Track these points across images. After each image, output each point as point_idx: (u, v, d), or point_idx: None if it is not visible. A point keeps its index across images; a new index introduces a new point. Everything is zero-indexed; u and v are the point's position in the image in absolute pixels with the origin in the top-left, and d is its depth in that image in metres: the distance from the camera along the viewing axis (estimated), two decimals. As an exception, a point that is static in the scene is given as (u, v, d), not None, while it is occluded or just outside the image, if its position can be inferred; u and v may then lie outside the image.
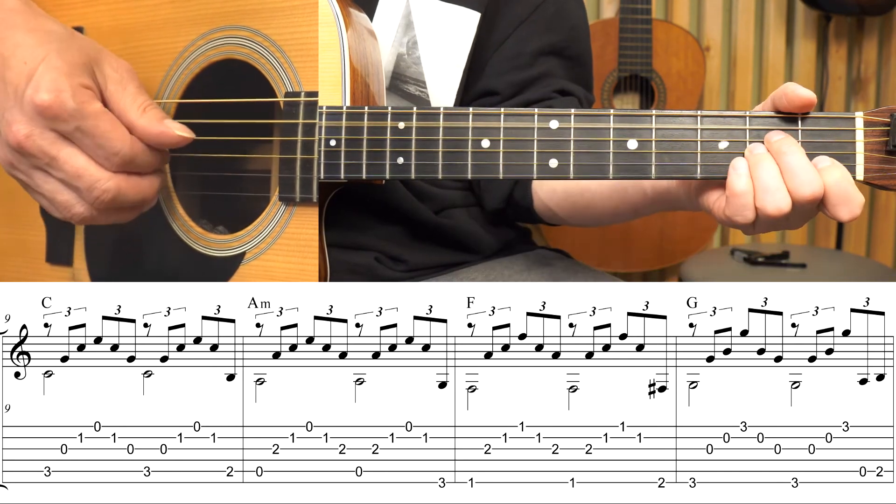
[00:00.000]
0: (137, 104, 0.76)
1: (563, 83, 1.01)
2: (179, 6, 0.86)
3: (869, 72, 2.54)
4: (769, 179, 0.68)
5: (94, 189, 0.73)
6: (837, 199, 0.68)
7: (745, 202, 0.69)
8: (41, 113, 0.71)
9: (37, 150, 0.72)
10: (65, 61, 0.73)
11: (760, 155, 0.69)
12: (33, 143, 0.72)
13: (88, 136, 0.72)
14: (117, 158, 0.73)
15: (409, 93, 0.96)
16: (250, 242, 0.82)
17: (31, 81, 0.72)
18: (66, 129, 0.72)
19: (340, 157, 0.77)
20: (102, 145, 0.73)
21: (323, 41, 0.79)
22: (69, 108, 0.71)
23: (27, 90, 0.71)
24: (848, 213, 0.68)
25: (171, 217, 0.86)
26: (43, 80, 0.71)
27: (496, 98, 1.00)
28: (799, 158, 0.68)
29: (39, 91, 0.71)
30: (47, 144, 0.72)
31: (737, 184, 0.69)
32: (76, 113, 0.71)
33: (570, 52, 1.02)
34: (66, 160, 0.73)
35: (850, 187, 0.68)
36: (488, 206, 1.02)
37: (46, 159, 0.73)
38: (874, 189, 1.02)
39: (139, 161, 0.75)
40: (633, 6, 2.19)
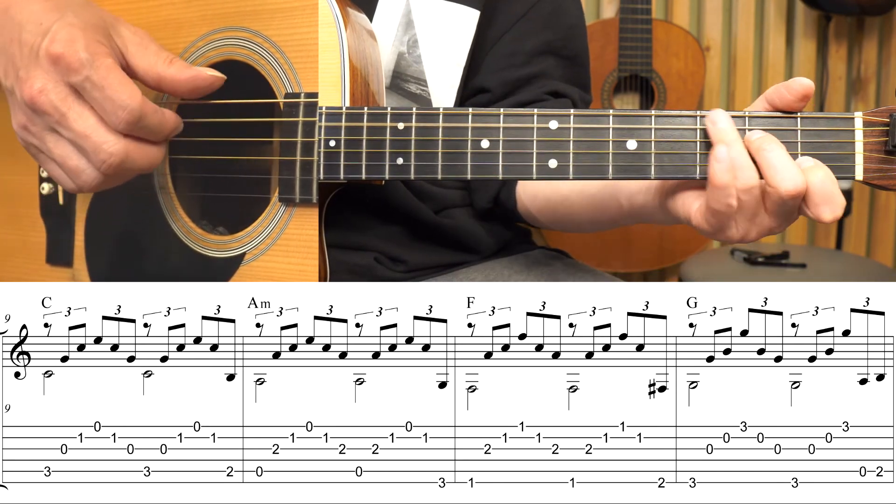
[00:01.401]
0: (162, 58, 0.76)
1: (557, 84, 1.00)
2: (179, 7, 0.86)
3: (869, 72, 2.54)
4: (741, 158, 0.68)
5: (100, 151, 0.73)
6: (821, 199, 0.68)
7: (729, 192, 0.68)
8: (54, 62, 0.71)
9: (49, 105, 0.72)
10: (80, 19, 0.73)
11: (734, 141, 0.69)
12: (46, 98, 0.72)
13: (97, 87, 0.72)
14: (125, 114, 0.72)
15: (411, 91, 0.96)
16: (250, 243, 0.82)
17: (46, 36, 0.72)
18: (77, 80, 0.72)
19: (340, 157, 0.77)
20: (111, 97, 0.72)
21: (323, 42, 0.79)
22: (82, 57, 0.71)
23: (42, 43, 0.72)
24: (831, 213, 0.68)
25: (171, 218, 0.86)
26: (59, 34, 0.72)
27: (487, 96, 1.00)
28: (780, 154, 0.68)
29: (55, 42, 0.71)
30: (59, 100, 0.72)
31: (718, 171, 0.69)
32: (88, 62, 0.71)
33: (566, 51, 1.02)
34: (75, 119, 0.72)
35: (833, 187, 0.68)
36: (477, 205, 1.02)
37: (57, 115, 0.72)
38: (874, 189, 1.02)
39: (149, 121, 0.74)
40: (633, 6, 2.19)
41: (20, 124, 0.75)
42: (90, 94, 0.72)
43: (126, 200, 0.88)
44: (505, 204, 0.99)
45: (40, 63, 0.72)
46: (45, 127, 0.74)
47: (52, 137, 0.74)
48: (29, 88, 0.72)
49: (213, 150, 0.84)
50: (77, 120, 0.72)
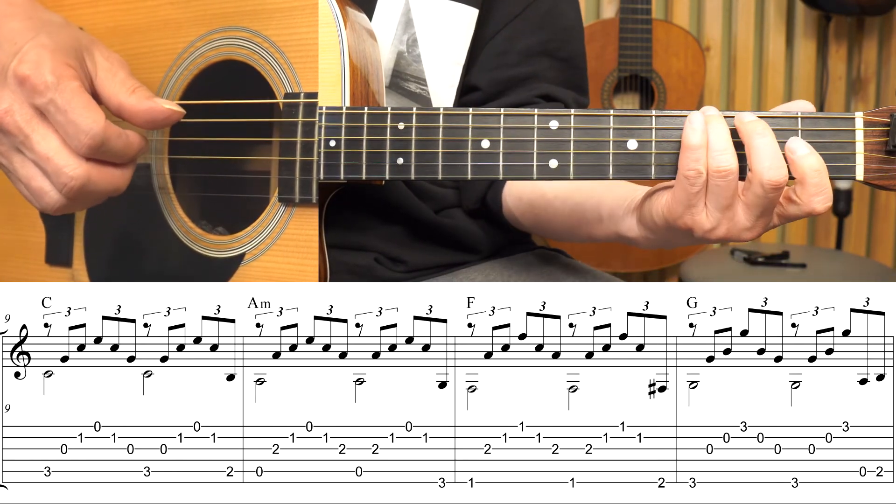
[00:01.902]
0: (127, 87, 0.76)
1: (550, 88, 0.99)
2: (179, 7, 0.86)
3: (869, 72, 2.54)
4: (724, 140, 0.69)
5: (61, 174, 0.73)
6: (817, 189, 0.68)
7: (698, 156, 0.69)
8: (21, 83, 0.72)
9: (14, 126, 0.72)
10: (52, 40, 0.73)
11: (715, 116, 0.70)
12: (11, 119, 0.72)
13: (61, 111, 0.72)
14: (87, 139, 0.72)
15: (410, 90, 0.96)
16: (250, 243, 0.82)
17: (16, 56, 0.72)
18: (42, 103, 0.72)
19: (340, 157, 0.77)
20: (74, 121, 0.72)
21: (322, 42, 0.79)
22: (47, 80, 0.71)
23: (11, 63, 0.72)
24: (824, 203, 0.68)
25: (170, 218, 0.86)
26: (28, 55, 0.72)
27: (478, 94, 0.99)
28: (770, 142, 0.68)
29: (22, 64, 0.72)
30: (24, 121, 0.72)
31: (692, 138, 0.69)
32: (52, 86, 0.71)
33: (562, 53, 1.01)
34: (38, 140, 0.72)
35: (826, 178, 0.68)
36: (464, 205, 1.02)
37: (21, 136, 0.73)
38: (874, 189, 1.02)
39: (112, 145, 0.74)
40: (633, 6, 2.19)
41: None
42: (54, 116, 0.72)
43: (125, 200, 0.87)
44: (490, 206, 0.99)
45: (8, 83, 0.72)
46: (11, 147, 0.74)
47: (19, 158, 0.75)
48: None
49: (212, 150, 0.84)
50: (40, 142, 0.73)
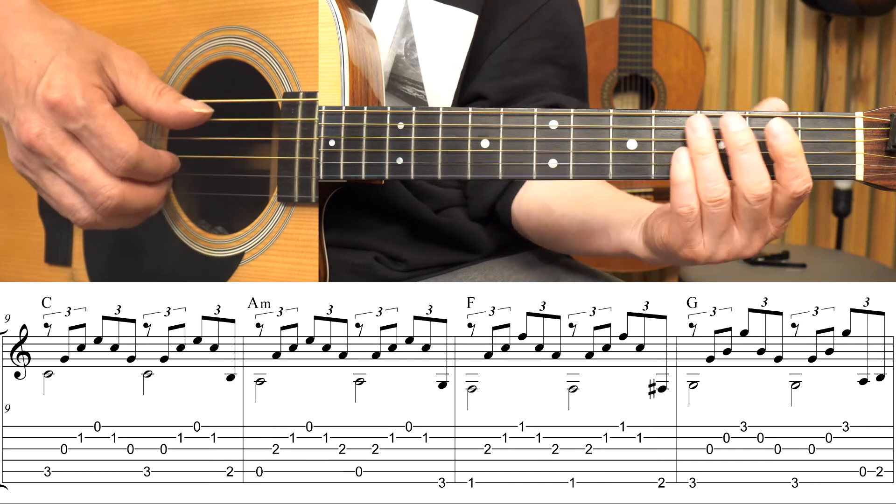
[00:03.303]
0: (151, 90, 0.77)
1: (557, 97, 0.99)
2: (178, 6, 0.86)
3: (869, 72, 2.54)
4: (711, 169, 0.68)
5: (98, 195, 0.74)
6: (793, 173, 0.68)
7: (688, 191, 0.69)
8: (52, 109, 0.72)
9: (47, 149, 0.73)
10: (75, 59, 0.74)
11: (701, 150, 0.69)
12: (44, 143, 0.73)
13: (95, 136, 0.73)
14: (123, 161, 0.74)
15: (407, 94, 0.96)
16: (249, 243, 0.82)
17: (42, 78, 0.73)
18: (75, 128, 0.73)
19: (339, 157, 0.77)
20: (109, 146, 0.73)
21: (322, 42, 0.79)
22: (79, 105, 0.72)
23: (38, 87, 0.72)
24: (803, 184, 0.68)
25: (169, 217, 0.86)
26: (55, 78, 0.72)
27: (485, 104, 0.99)
28: (753, 157, 0.68)
29: (51, 89, 0.72)
30: (57, 144, 0.73)
31: (679, 174, 0.69)
32: (84, 111, 0.72)
33: (564, 59, 1.01)
34: (73, 163, 0.74)
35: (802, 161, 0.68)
36: (472, 213, 1.02)
37: (55, 159, 0.74)
38: (874, 189, 1.02)
39: (146, 166, 0.76)
40: (633, 6, 2.19)
41: (17, 159, 0.77)
42: (88, 141, 0.73)
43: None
44: (499, 217, 1.00)
45: (37, 108, 0.73)
46: (41, 165, 0.75)
47: (49, 175, 0.76)
48: (27, 132, 0.73)
49: (211, 150, 0.84)
50: (75, 164, 0.74)
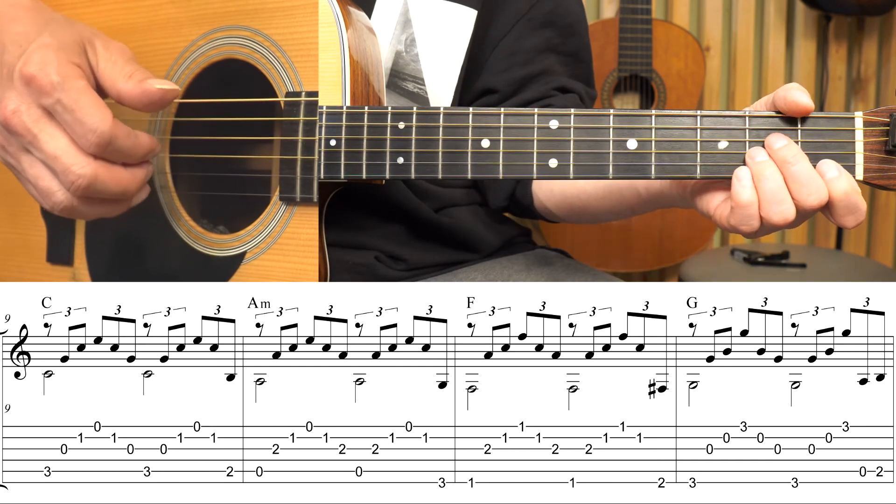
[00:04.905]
0: (124, 73, 0.76)
1: (564, 80, 1.01)
2: (180, 6, 0.86)
3: (869, 72, 2.54)
4: (774, 190, 0.69)
5: (69, 172, 0.73)
6: (846, 210, 0.69)
7: (750, 213, 0.70)
8: (27, 84, 0.72)
9: (21, 126, 0.73)
10: (56, 39, 0.74)
11: (763, 163, 0.70)
12: (18, 119, 0.73)
13: (68, 110, 0.72)
14: (95, 137, 0.72)
15: (408, 90, 0.96)
16: (251, 242, 0.82)
17: (21, 57, 0.73)
18: (49, 103, 0.72)
19: (340, 157, 0.77)
20: (81, 120, 0.72)
21: (323, 41, 0.79)
22: (53, 80, 0.72)
23: (17, 64, 0.73)
24: (854, 221, 0.70)
25: (171, 217, 0.86)
26: (33, 55, 0.73)
27: (495, 96, 1.00)
28: (804, 167, 0.69)
29: (28, 64, 0.72)
30: (31, 121, 0.73)
31: (742, 195, 0.70)
32: (59, 85, 0.72)
33: (566, 48, 1.03)
34: (46, 140, 0.73)
35: (857, 197, 0.69)
36: (493, 204, 1.03)
37: (29, 136, 0.73)
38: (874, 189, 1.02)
39: (120, 144, 0.74)
40: (633, 6, 2.19)
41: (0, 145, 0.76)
42: (62, 116, 0.73)
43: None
44: (521, 202, 1.00)
45: (14, 84, 0.73)
46: (19, 147, 0.75)
47: (27, 158, 0.75)
48: (3, 109, 0.73)
49: (213, 149, 0.84)
50: (48, 141, 0.73)
